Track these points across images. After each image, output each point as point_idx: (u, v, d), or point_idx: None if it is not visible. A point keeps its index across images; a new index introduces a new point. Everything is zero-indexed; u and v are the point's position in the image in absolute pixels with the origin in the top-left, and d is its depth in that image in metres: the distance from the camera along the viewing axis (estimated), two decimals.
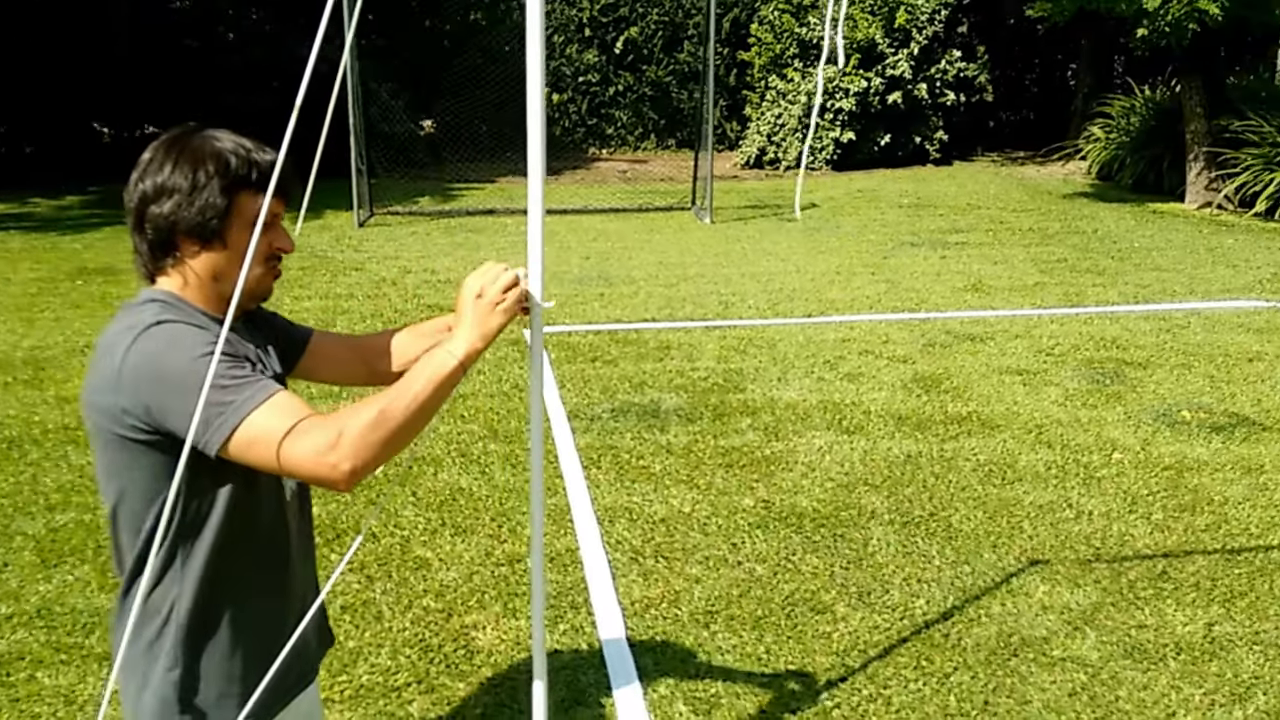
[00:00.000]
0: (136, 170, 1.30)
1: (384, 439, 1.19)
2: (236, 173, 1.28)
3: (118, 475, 1.28)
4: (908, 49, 12.55)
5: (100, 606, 2.82)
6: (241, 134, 1.34)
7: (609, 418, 4.27)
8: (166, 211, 1.27)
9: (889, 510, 3.44)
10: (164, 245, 1.30)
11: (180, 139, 1.31)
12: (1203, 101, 9.61)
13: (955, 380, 4.78)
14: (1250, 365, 5.00)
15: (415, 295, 6.49)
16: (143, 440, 1.23)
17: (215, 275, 1.31)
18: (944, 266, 7.40)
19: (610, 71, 14.68)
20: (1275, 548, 3.20)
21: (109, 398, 1.23)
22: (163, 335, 1.23)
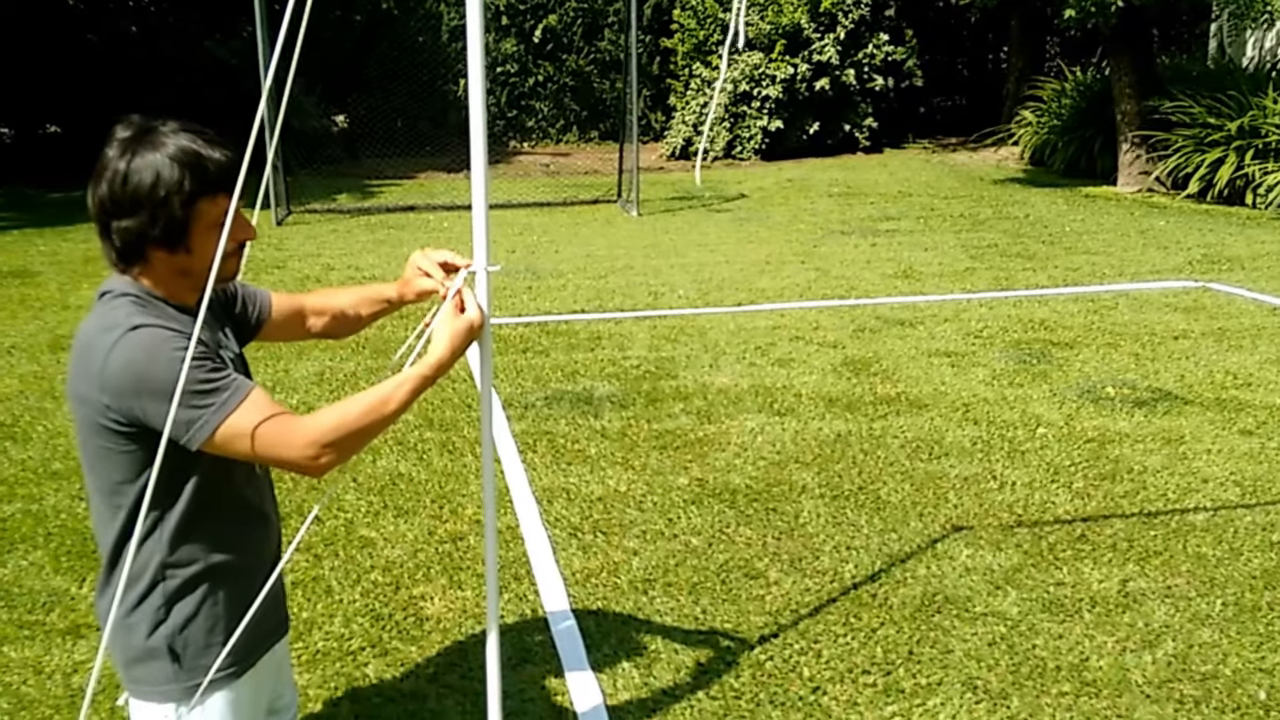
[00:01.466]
0: (96, 174, 1.46)
1: (355, 442, 1.48)
2: (192, 187, 1.44)
3: (100, 458, 1.49)
4: (834, 34, 13.12)
5: (57, 587, 3.06)
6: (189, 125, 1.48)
7: (542, 405, 4.51)
8: (132, 228, 1.45)
9: (819, 485, 3.75)
10: (132, 253, 1.48)
11: (134, 143, 1.45)
12: (1133, 83, 10.33)
13: (885, 363, 5.16)
14: (1175, 343, 5.51)
15: None
16: (123, 432, 1.44)
17: (182, 273, 1.50)
18: (874, 254, 7.85)
19: (529, 61, 14.91)
20: (1190, 510, 3.62)
21: (93, 393, 1.43)
22: (142, 342, 1.41)
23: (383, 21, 13.77)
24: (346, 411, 1.48)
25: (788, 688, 2.60)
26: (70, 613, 2.94)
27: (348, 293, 1.89)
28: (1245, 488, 3.78)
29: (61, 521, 3.50)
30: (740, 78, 13.20)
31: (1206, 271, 7.12)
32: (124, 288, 1.48)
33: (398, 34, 13.80)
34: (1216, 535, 3.40)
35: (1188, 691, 2.59)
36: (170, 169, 1.43)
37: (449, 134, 14.05)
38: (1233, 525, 3.48)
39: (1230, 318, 5.96)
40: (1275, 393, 4.71)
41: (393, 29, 13.79)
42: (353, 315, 1.88)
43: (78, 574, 3.16)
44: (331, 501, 3.58)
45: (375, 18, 13.35)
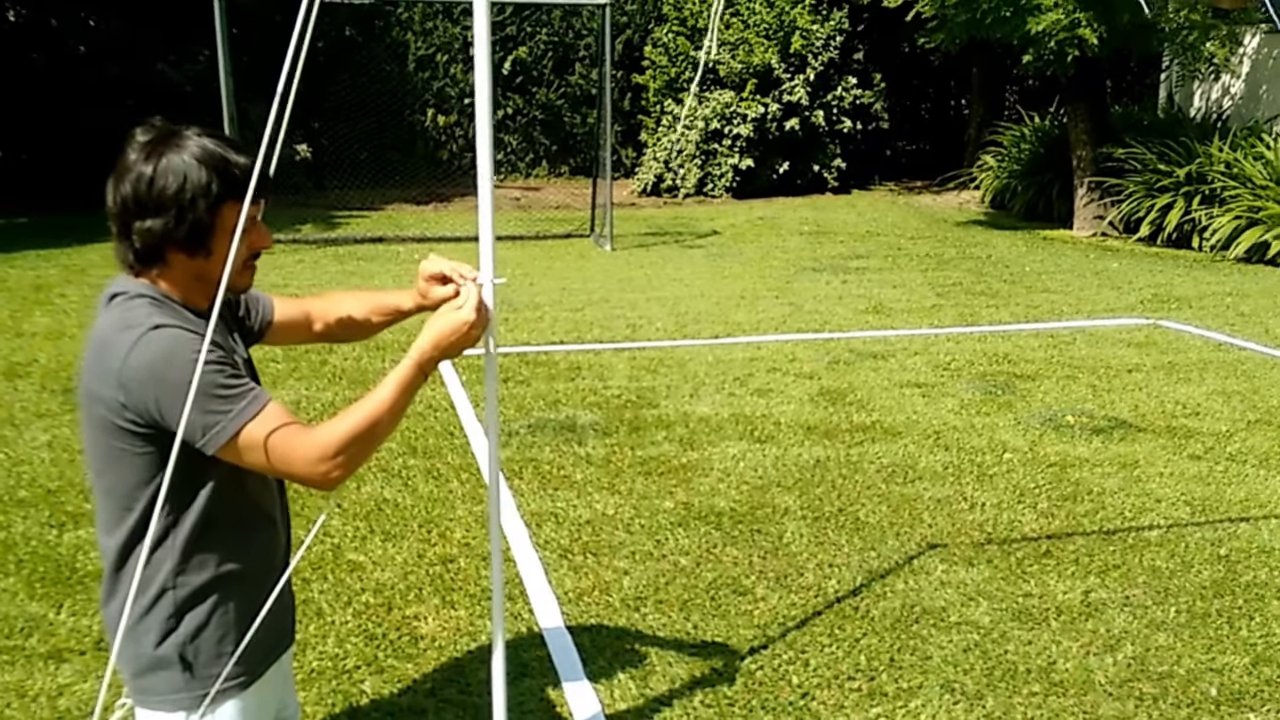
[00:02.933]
0: (117, 175, 1.48)
1: (362, 449, 1.51)
2: (220, 190, 1.47)
3: (112, 460, 1.51)
4: (804, 75, 13.60)
5: (34, 613, 3.08)
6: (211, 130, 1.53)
7: (526, 433, 4.68)
8: (155, 229, 1.47)
9: (801, 508, 3.97)
10: (152, 255, 1.50)
11: (159, 146, 1.48)
12: (1088, 130, 10.88)
13: (859, 394, 5.42)
14: (1129, 375, 5.85)
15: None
16: (139, 433, 1.46)
17: (198, 277, 1.52)
18: (845, 290, 8.17)
19: (498, 94, 15.19)
20: (1145, 528, 3.89)
21: (110, 391, 1.45)
22: (163, 341, 1.44)
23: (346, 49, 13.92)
24: (345, 424, 1.50)
25: (778, 695, 2.79)
26: (50, 637, 2.96)
27: (355, 298, 1.89)
28: (1195, 506, 4.07)
29: (32, 549, 3.51)
30: (712, 115, 13.59)
31: (1157, 310, 7.52)
32: (139, 289, 1.50)
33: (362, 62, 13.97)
34: (1169, 550, 3.68)
35: (1146, 690, 2.83)
36: (198, 171, 1.46)
37: (417, 165, 14.25)
38: (1184, 540, 3.76)
39: (1179, 353, 6.33)
40: (1221, 421, 5.05)
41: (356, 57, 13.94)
42: (361, 321, 1.89)
43: (54, 600, 3.18)
44: (300, 525, 3.65)
45: (339, 44, 13.46)
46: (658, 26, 14.85)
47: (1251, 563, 3.60)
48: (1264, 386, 5.62)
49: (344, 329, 1.91)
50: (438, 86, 15.06)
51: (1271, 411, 5.20)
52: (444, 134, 15.28)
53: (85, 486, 4.00)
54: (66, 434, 4.59)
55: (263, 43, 11.75)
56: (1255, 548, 3.72)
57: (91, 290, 7.57)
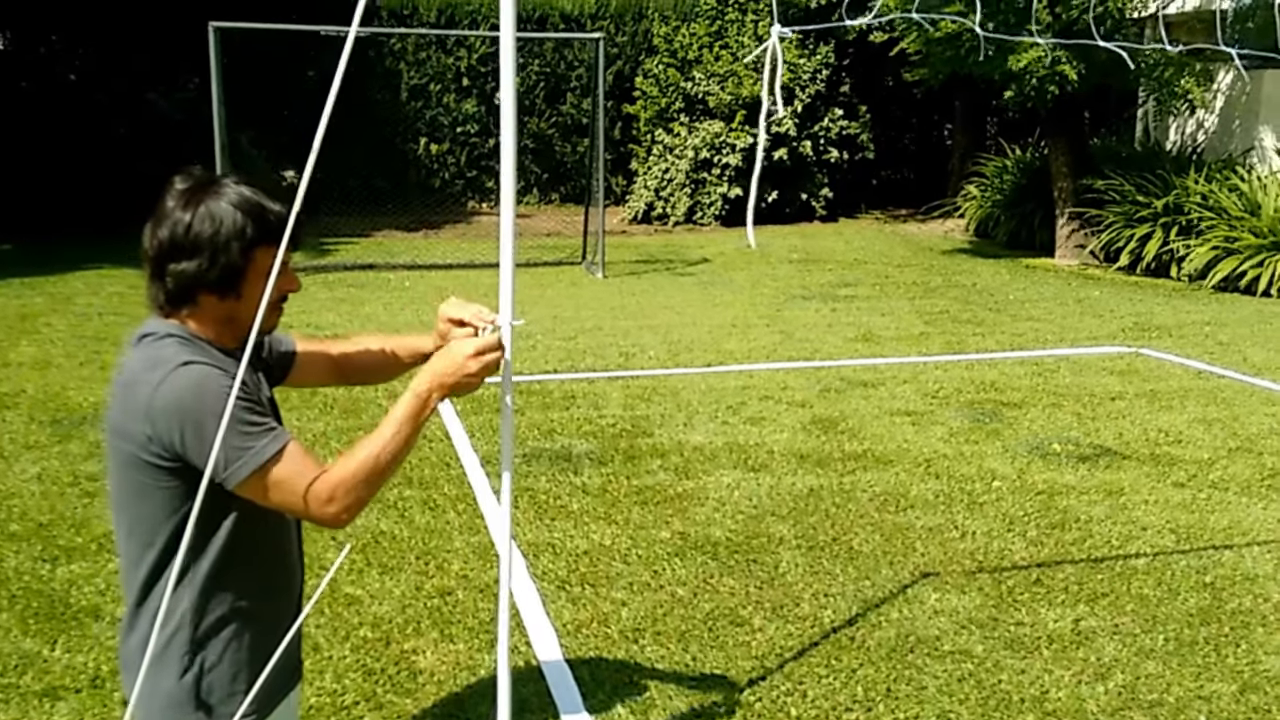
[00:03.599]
0: (155, 220, 1.53)
1: (375, 487, 1.55)
2: (254, 234, 1.52)
3: (136, 494, 1.54)
4: (792, 107, 13.76)
5: (28, 650, 3.04)
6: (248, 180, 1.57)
7: (521, 463, 4.69)
8: (189, 270, 1.51)
9: (796, 537, 3.99)
10: (183, 296, 1.54)
11: (197, 193, 1.53)
12: (1068, 162, 11.05)
13: (851, 422, 5.45)
14: (1113, 403, 5.91)
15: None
16: (164, 467, 1.50)
17: (228, 319, 1.57)
18: (835, 318, 8.23)
19: (490, 122, 15.29)
20: (1132, 556, 3.93)
21: (138, 426, 1.48)
22: (190, 378, 1.48)
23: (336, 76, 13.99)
24: (351, 464, 1.52)
25: None
26: (45, 675, 2.92)
27: (376, 340, 1.91)
28: (1180, 534, 4.11)
29: (25, 584, 3.47)
30: (702, 145, 13.72)
31: (1138, 338, 7.61)
32: (168, 329, 1.53)
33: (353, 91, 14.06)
34: (1156, 578, 3.72)
35: (1137, 718, 2.85)
36: (234, 216, 1.51)
37: (408, 192, 14.30)
38: (1170, 568, 3.80)
39: (1160, 380, 6.40)
40: (1202, 449, 5.11)
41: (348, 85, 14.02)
42: (381, 363, 1.90)
43: (48, 636, 3.13)
44: (312, 560, 3.61)
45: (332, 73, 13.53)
46: (648, 58, 15.01)
47: (1236, 590, 3.64)
48: (1243, 414, 5.69)
49: (364, 370, 1.94)
50: (430, 115, 15.15)
51: (1251, 439, 5.26)
52: (436, 162, 15.35)
53: (77, 520, 3.99)
54: (56, 466, 4.56)
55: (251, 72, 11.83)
56: (1239, 575, 3.76)
57: (77, 319, 7.55)
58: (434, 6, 14.84)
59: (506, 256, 1.75)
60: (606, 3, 15.51)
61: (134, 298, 8.18)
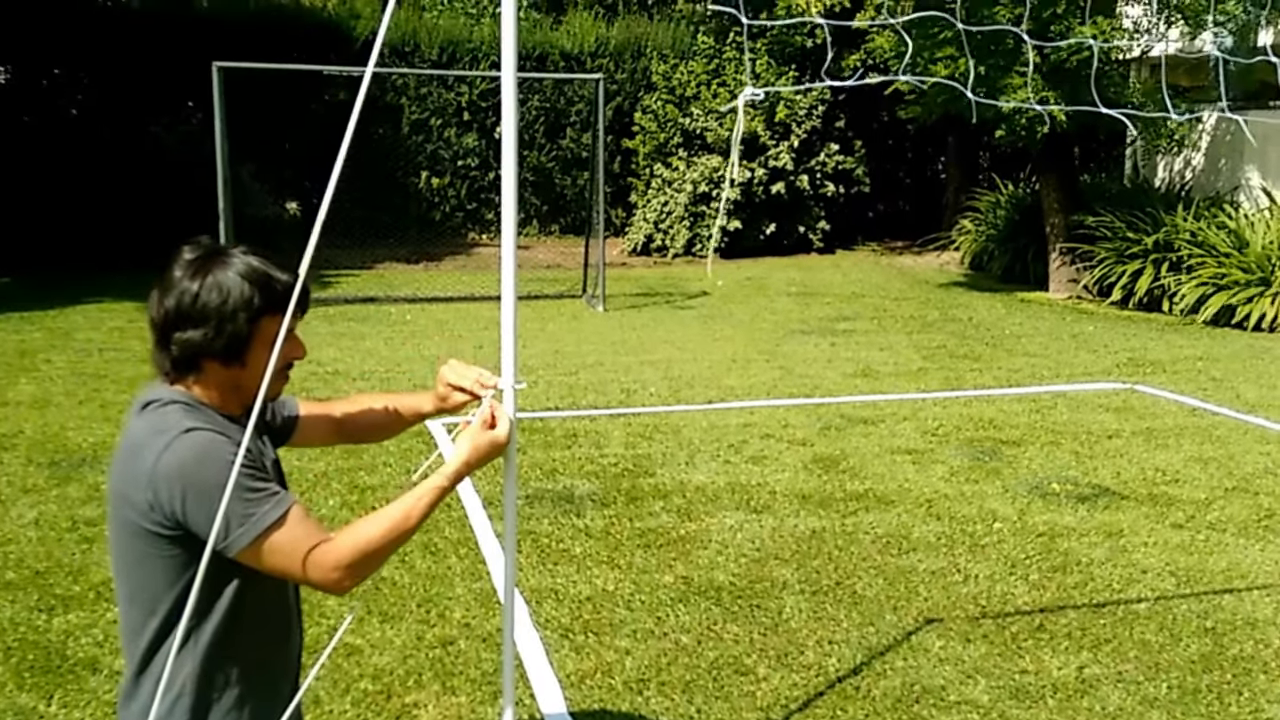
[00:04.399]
0: (162, 289, 1.53)
1: (379, 560, 1.55)
2: (260, 304, 1.52)
3: (138, 563, 1.53)
4: (788, 141, 13.87)
5: (23, 705, 2.99)
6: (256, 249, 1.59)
7: (524, 505, 4.66)
8: (195, 339, 1.51)
9: (799, 581, 3.96)
10: (188, 364, 1.54)
11: (205, 262, 1.53)
12: (1059, 199, 11.12)
13: (852, 461, 5.43)
14: (1110, 441, 5.89)
15: (303, 389, 6.70)
16: (166, 535, 1.49)
17: (233, 386, 1.57)
18: (834, 353, 8.23)
19: (490, 156, 15.37)
20: (1133, 600, 3.90)
21: (140, 493, 1.48)
22: (194, 444, 1.47)
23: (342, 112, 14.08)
24: (369, 534, 1.52)
25: None
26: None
27: (378, 400, 1.92)
28: (1180, 577, 4.08)
29: (20, 634, 3.41)
30: (700, 179, 13.80)
31: (1133, 374, 7.61)
32: (172, 395, 1.53)
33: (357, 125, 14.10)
34: (1158, 623, 3.68)
35: None
36: (241, 286, 1.51)
37: (408, 225, 14.34)
38: (1171, 613, 3.77)
39: (1156, 418, 6.40)
40: (1199, 489, 5.09)
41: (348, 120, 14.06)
42: (383, 423, 1.92)
43: (44, 690, 3.06)
44: (311, 607, 3.54)
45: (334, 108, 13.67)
46: (647, 94, 15.13)
47: (1237, 635, 3.61)
48: (1238, 453, 5.68)
49: (366, 430, 1.95)
50: (431, 149, 15.22)
51: (1247, 479, 5.25)
52: (436, 195, 15.41)
53: (75, 567, 3.93)
54: (54, 510, 4.50)
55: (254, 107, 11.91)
56: (1240, 620, 3.73)
57: (77, 356, 7.51)
58: (436, 43, 14.96)
59: (508, 321, 1.75)
60: (606, 40, 15.65)
61: (134, 332, 8.16)
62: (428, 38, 14.93)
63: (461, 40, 15.04)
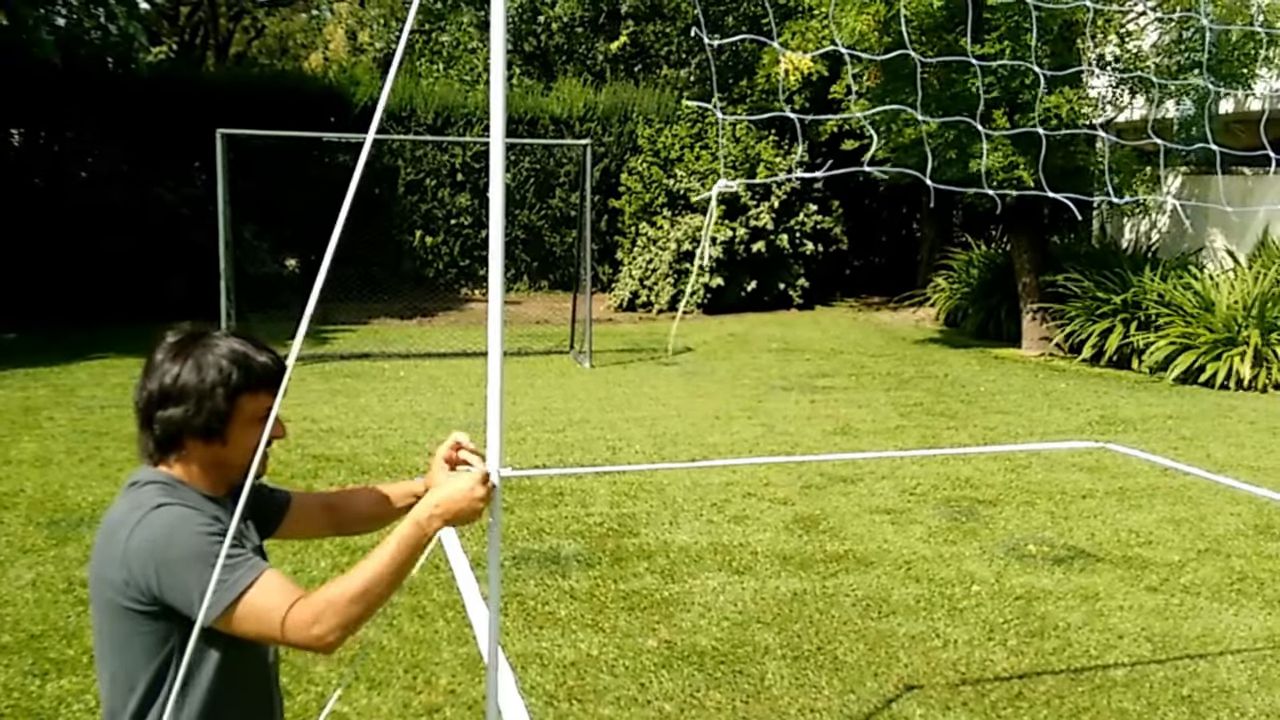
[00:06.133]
0: (145, 373, 1.56)
1: (361, 614, 1.50)
2: (239, 381, 1.54)
3: (119, 641, 1.51)
4: (769, 202, 14.05)
5: None
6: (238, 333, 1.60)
7: (511, 565, 4.59)
8: (175, 417, 1.52)
9: (781, 646, 3.90)
10: (170, 443, 1.54)
11: (187, 345, 1.55)
12: (1030, 259, 11.27)
13: (831, 520, 5.39)
14: (1084, 502, 5.88)
15: (298, 445, 6.63)
16: (143, 611, 1.47)
17: (214, 464, 1.57)
18: (814, 410, 8.23)
19: (482, 215, 15.49)
20: (1110, 666, 3.85)
21: (115, 572, 1.47)
22: (164, 519, 1.47)
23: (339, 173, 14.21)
24: (346, 588, 1.48)
25: None
26: None
27: (371, 489, 1.90)
28: (1155, 643, 4.04)
29: (14, 701, 3.30)
30: (684, 237, 13.93)
31: (1104, 432, 7.63)
32: (151, 476, 1.54)
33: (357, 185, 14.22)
34: (1135, 691, 3.63)
35: None
36: (219, 365, 1.53)
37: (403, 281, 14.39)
38: (1147, 680, 3.72)
39: (1128, 477, 6.40)
40: (1172, 550, 5.07)
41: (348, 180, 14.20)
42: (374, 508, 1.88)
43: None
44: (299, 673, 3.47)
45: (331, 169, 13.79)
46: (633, 156, 15.34)
47: (1213, 704, 3.56)
48: (1209, 514, 5.67)
49: (357, 517, 1.92)
50: (426, 209, 15.33)
51: (1218, 540, 5.23)
52: (430, 253, 15.48)
53: (70, 629, 3.84)
54: (51, 571, 4.41)
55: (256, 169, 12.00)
56: (1215, 687, 3.68)
57: (80, 412, 7.42)
58: (431, 108, 15.16)
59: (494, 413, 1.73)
60: (595, 105, 15.90)
61: None
62: (424, 103, 15.14)
63: (456, 105, 15.24)
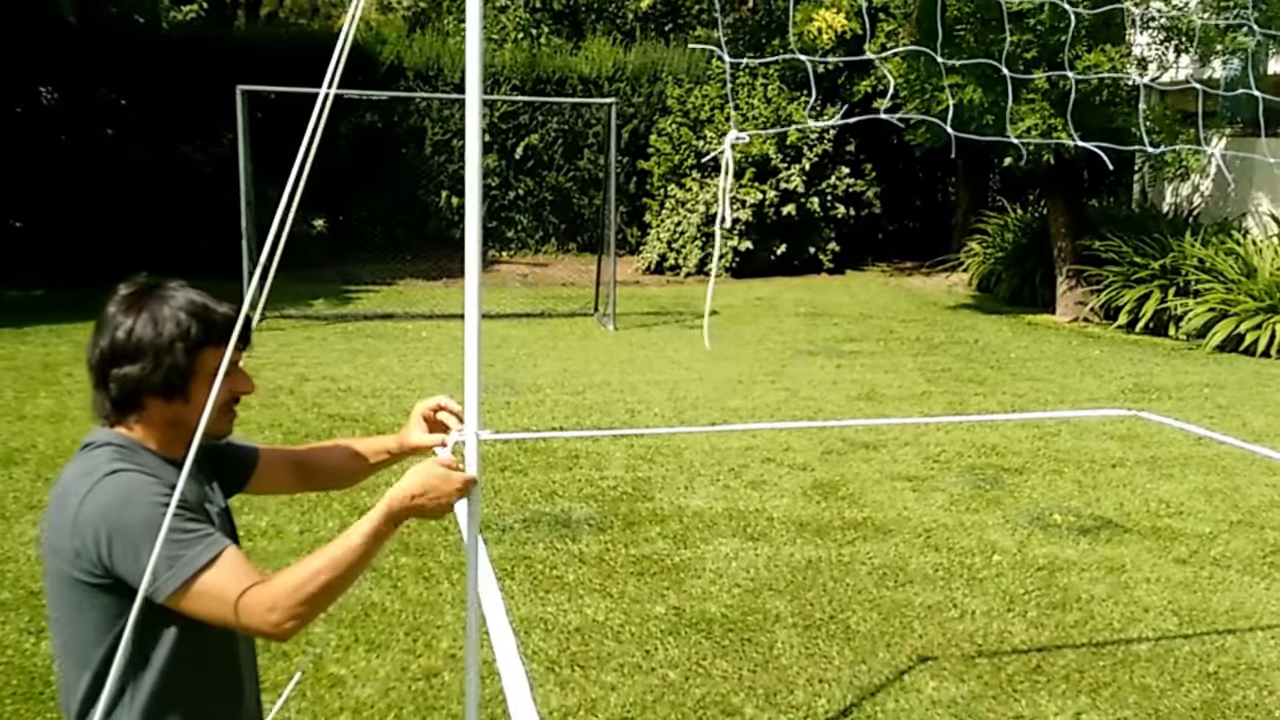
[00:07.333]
0: (98, 328, 1.44)
1: (323, 601, 1.40)
2: (198, 335, 1.43)
3: (69, 614, 1.42)
4: (799, 165, 13.71)
5: None
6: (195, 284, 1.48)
7: (520, 528, 4.51)
8: (132, 375, 1.41)
9: (792, 614, 3.78)
10: (128, 402, 1.43)
11: (140, 297, 1.44)
12: (1067, 223, 10.88)
13: (851, 487, 5.24)
14: (1113, 471, 5.67)
15: (315, 404, 6.60)
16: (95, 584, 1.37)
17: (175, 423, 1.45)
18: (839, 375, 8.04)
19: (510, 176, 15.33)
20: (1134, 640, 3.69)
21: (65, 541, 1.37)
22: (117, 485, 1.36)
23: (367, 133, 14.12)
24: (306, 572, 1.39)
25: None
26: None
27: (344, 443, 1.82)
28: (1182, 617, 3.87)
29: (8, 658, 3.25)
30: (712, 200, 13.67)
31: (1138, 400, 7.36)
32: (107, 438, 1.43)
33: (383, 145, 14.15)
34: (1159, 666, 3.48)
35: None
36: (176, 318, 1.42)
37: (427, 242, 14.32)
38: (1172, 655, 3.56)
39: (1160, 446, 6.16)
40: (1204, 521, 4.86)
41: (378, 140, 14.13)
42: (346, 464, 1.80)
43: (24, 718, 2.92)
44: (300, 635, 3.44)
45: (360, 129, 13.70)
46: (662, 117, 15.04)
47: (1240, 681, 3.40)
48: (1244, 484, 5.44)
49: (329, 472, 1.83)
50: (453, 169, 15.19)
51: (1252, 511, 5.01)
52: (456, 214, 15.36)
53: None
54: None
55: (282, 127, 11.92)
56: (1243, 664, 3.51)
57: None
58: (459, 67, 14.92)
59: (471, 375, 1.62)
60: (624, 65, 15.58)
61: None
62: (450, 62, 14.93)
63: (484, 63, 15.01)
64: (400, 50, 14.53)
